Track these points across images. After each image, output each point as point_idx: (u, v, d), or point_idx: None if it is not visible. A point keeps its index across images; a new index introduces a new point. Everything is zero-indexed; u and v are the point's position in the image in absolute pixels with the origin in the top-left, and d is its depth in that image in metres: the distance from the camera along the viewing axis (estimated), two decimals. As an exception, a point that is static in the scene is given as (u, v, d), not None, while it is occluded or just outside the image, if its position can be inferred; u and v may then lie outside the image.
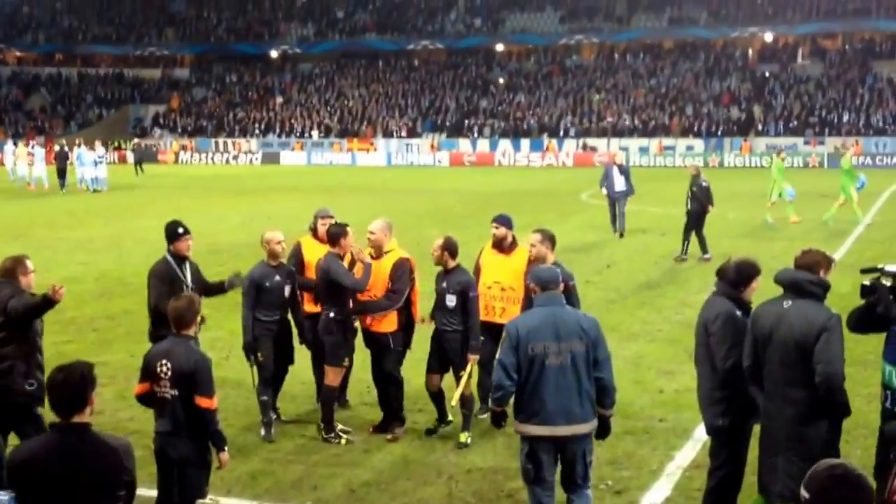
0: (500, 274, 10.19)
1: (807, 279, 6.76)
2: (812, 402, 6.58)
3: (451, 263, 9.72)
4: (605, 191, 25.31)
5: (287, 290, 9.99)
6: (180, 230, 9.54)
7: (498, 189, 42.08)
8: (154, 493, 7.18)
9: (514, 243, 10.34)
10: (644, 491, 8.40)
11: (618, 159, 26.28)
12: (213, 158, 71.68)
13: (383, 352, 9.94)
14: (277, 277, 9.91)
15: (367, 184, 46.52)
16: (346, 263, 9.82)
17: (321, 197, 36.92)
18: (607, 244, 23.68)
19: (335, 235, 9.88)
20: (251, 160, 70.67)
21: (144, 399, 7.11)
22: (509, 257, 10.25)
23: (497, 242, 10.34)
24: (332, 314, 9.79)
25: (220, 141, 74.01)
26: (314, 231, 10.74)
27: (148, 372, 6.97)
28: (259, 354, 9.88)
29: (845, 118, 63.98)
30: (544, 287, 7.17)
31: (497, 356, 7.03)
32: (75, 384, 5.00)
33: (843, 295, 7.40)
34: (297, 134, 73.95)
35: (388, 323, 9.83)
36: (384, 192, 40.86)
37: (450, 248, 9.72)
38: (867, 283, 6.94)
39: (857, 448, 8.26)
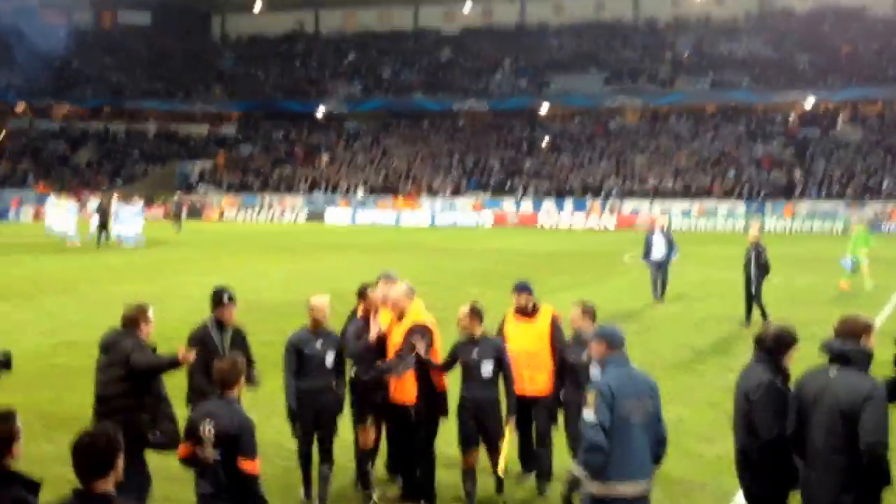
0: (525, 341, 10.03)
1: (852, 349, 6.80)
2: (854, 471, 6.60)
3: (479, 331, 9.53)
4: (646, 259, 24.95)
5: (330, 358, 9.59)
6: (225, 298, 9.36)
7: (540, 249, 42.12)
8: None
9: (535, 307, 10.24)
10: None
11: (660, 223, 25.95)
12: (258, 215, 72.31)
13: (406, 425, 9.67)
14: (319, 344, 9.56)
15: (411, 242, 46.68)
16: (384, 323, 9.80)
17: (365, 256, 37.15)
18: (648, 307, 23.56)
19: (359, 295, 9.96)
20: (296, 217, 71.23)
21: (187, 460, 7.10)
22: (533, 322, 10.16)
23: (519, 309, 10.23)
24: (352, 374, 9.77)
25: (266, 197, 74.60)
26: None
27: (191, 433, 6.98)
28: (297, 425, 9.64)
29: (885, 183, 63.61)
30: (614, 346, 7.24)
31: (590, 417, 6.95)
32: (100, 449, 4.91)
33: (883, 363, 7.38)
34: (343, 192, 74.44)
35: (406, 392, 9.56)
36: (428, 251, 40.93)
37: (479, 315, 9.52)
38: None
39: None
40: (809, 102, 72.88)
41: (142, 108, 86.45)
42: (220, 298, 9.41)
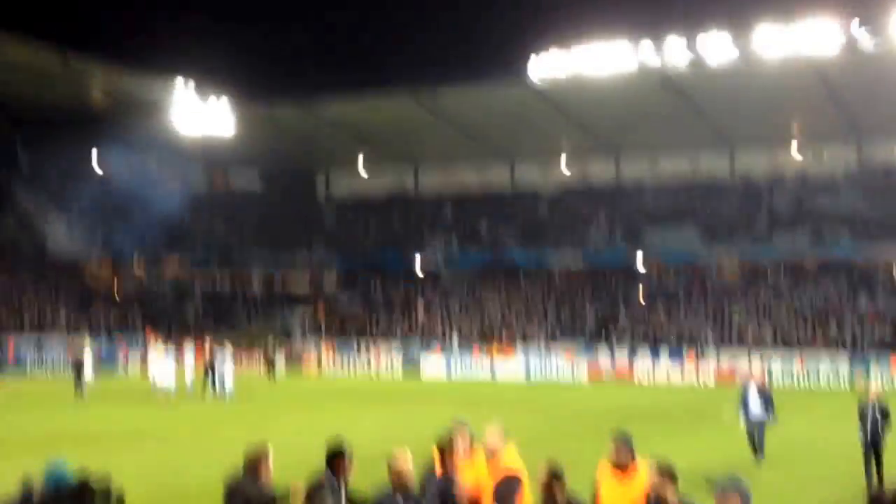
0: (619, 499, 9.59)
1: None
2: None
3: (562, 497, 9.11)
4: (741, 418, 24.39)
5: None
6: (342, 451, 9.56)
7: (635, 405, 41.78)
8: None
9: (633, 464, 9.83)
10: None
11: (758, 380, 25.42)
12: (355, 366, 72.99)
13: None
14: None
15: (505, 396, 46.69)
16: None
17: (460, 408, 37.23)
18: (747, 469, 22.82)
19: (438, 449, 9.97)
20: (392, 368, 71.73)
21: None
22: (630, 480, 9.72)
23: (615, 463, 9.87)
24: None
25: (363, 349, 75.33)
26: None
27: None
28: None
29: None
30: (747, 501, 7.24)
31: None
32: None
33: None
34: (438, 344, 74.80)
35: None
36: (521, 404, 40.93)
37: (560, 476, 9.16)
38: None
39: None
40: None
41: (247, 264, 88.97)
42: (339, 452, 9.56)
